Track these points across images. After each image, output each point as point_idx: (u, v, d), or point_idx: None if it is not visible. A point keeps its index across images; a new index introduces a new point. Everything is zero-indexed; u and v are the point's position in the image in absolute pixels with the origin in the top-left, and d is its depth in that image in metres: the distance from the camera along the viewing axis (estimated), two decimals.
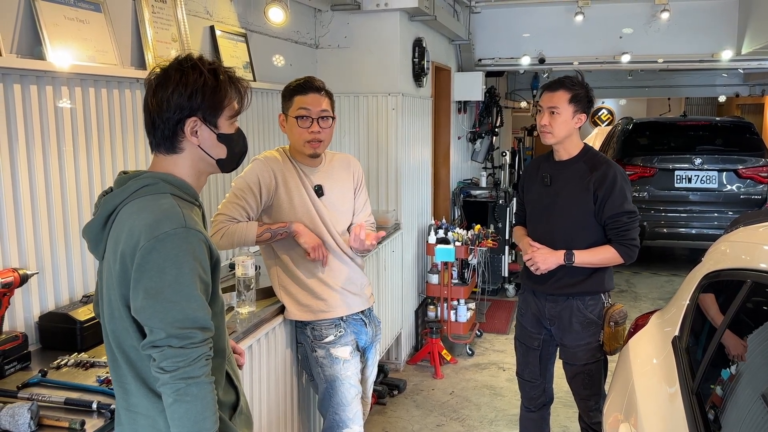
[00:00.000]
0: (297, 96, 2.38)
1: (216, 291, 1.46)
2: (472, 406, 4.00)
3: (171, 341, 1.31)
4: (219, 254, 1.46)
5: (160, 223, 1.33)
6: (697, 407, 1.61)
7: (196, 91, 1.41)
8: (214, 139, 1.46)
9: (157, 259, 1.31)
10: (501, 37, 6.49)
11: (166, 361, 1.30)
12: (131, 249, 1.33)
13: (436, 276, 4.73)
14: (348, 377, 2.46)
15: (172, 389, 1.31)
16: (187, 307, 1.32)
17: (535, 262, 2.62)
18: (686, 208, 6.82)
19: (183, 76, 1.40)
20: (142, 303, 1.32)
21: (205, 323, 1.35)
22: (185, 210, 1.38)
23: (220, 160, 1.49)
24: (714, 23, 6.06)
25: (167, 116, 1.41)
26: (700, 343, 1.93)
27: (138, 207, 1.38)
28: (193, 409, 1.31)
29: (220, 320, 1.50)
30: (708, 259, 2.15)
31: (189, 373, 1.31)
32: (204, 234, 1.39)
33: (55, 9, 2.14)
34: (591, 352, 2.66)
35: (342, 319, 2.49)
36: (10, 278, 1.89)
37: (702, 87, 10.78)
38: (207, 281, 1.39)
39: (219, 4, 3.22)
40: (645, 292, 6.53)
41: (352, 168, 2.60)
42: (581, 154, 2.64)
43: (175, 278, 1.32)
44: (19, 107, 2.01)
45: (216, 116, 1.45)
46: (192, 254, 1.34)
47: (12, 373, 1.83)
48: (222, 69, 1.46)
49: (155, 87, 1.42)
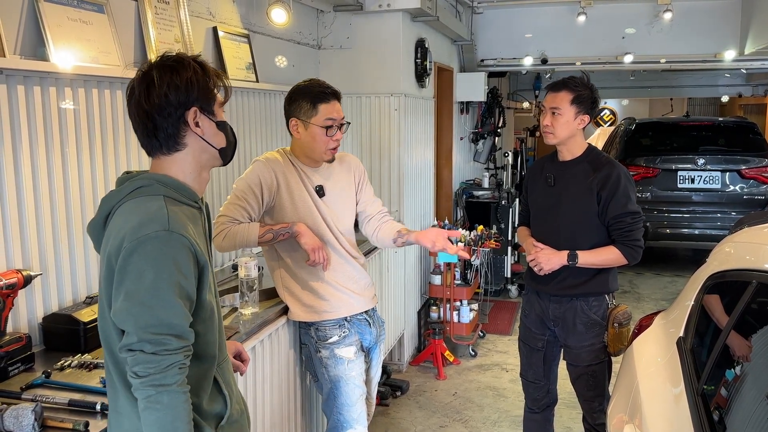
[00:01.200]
0: (321, 104, 2.33)
1: (202, 297, 1.42)
2: (475, 407, 3.99)
3: (144, 346, 1.28)
4: (206, 260, 1.42)
5: (143, 225, 1.32)
6: (703, 408, 1.60)
7: (191, 84, 1.41)
8: (214, 127, 1.48)
9: (137, 261, 1.30)
10: (503, 38, 6.48)
11: (138, 366, 1.29)
12: (116, 250, 1.32)
13: (438, 277, 4.73)
14: (352, 378, 2.45)
15: (142, 395, 1.29)
16: (161, 313, 1.30)
17: (539, 262, 2.61)
18: (689, 208, 6.81)
19: (174, 72, 1.41)
20: (120, 305, 1.31)
21: (181, 331, 1.32)
22: (174, 213, 1.37)
23: (221, 149, 1.50)
24: (717, 23, 6.05)
25: (168, 113, 1.41)
26: (704, 343, 1.92)
27: (128, 209, 1.38)
28: (163, 418, 1.29)
29: (208, 326, 1.46)
30: (713, 259, 2.15)
31: (160, 380, 1.28)
32: (189, 239, 1.36)
33: (58, 10, 2.14)
34: (595, 353, 2.66)
35: (346, 320, 2.48)
36: (14, 279, 1.90)
37: (705, 87, 10.78)
38: (187, 288, 1.35)
39: (222, 5, 3.22)
40: (648, 293, 6.52)
41: (353, 166, 2.60)
42: (585, 154, 2.64)
43: (152, 282, 1.30)
44: (23, 108, 2.01)
45: (211, 104, 1.47)
46: (172, 259, 1.32)
47: (16, 375, 1.83)
48: (202, 60, 1.48)
49: (147, 89, 1.40)
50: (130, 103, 1.44)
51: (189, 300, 1.37)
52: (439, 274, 4.72)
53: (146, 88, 1.41)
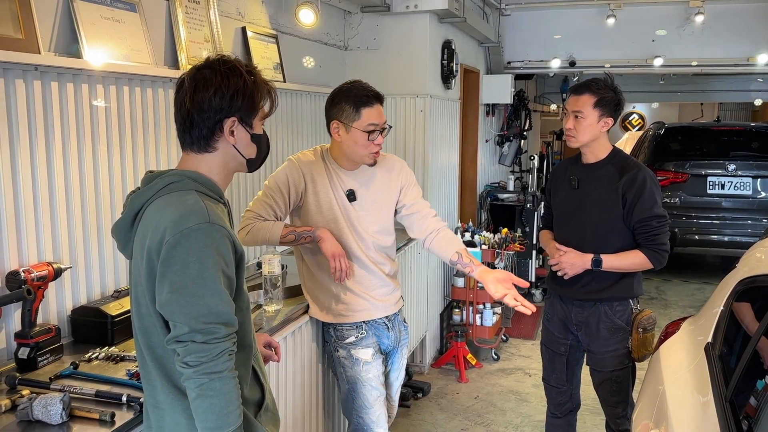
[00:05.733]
0: (364, 109, 2.27)
1: (240, 287, 1.47)
2: (497, 411, 3.97)
3: (194, 336, 1.32)
4: (243, 250, 1.47)
5: (184, 218, 1.35)
6: (731, 415, 1.57)
7: (237, 94, 1.44)
8: (248, 139, 1.50)
9: (181, 253, 1.33)
10: (531, 40, 6.44)
11: (190, 356, 1.32)
12: (157, 244, 1.35)
13: (461, 279, 4.71)
14: (369, 380, 2.44)
15: (195, 384, 1.32)
16: (210, 302, 1.34)
17: (563, 267, 2.59)
18: (719, 214, 6.69)
19: (224, 78, 1.43)
20: (166, 297, 1.34)
21: (228, 318, 1.36)
22: (210, 206, 1.40)
23: (250, 159, 1.53)
24: (750, 26, 5.93)
25: (207, 116, 1.44)
26: (734, 350, 1.89)
27: (164, 203, 1.40)
28: (216, 404, 1.33)
29: (246, 316, 1.51)
30: (743, 265, 2.11)
31: (212, 368, 1.32)
32: (228, 230, 1.40)
33: (92, 9, 2.19)
34: (619, 358, 2.62)
35: (364, 322, 2.47)
36: (45, 272, 1.94)
37: (736, 92, 10.57)
38: (230, 276, 1.40)
39: (251, 5, 3.25)
40: (675, 299, 6.42)
41: (396, 170, 2.49)
42: (610, 156, 2.60)
43: (198, 273, 1.33)
44: (56, 104, 2.06)
45: (252, 117, 1.49)
46: (215, 249, 1.36)
47: (45, 365, 1.87)
48: (257, 72, 1.50)
49: (194, 88, 1.43)
50: (177, 94, 1.48)
51: (231, 289, 1.41)
52: (463, 276, 4.70)
53: (194, 86, 1.44)
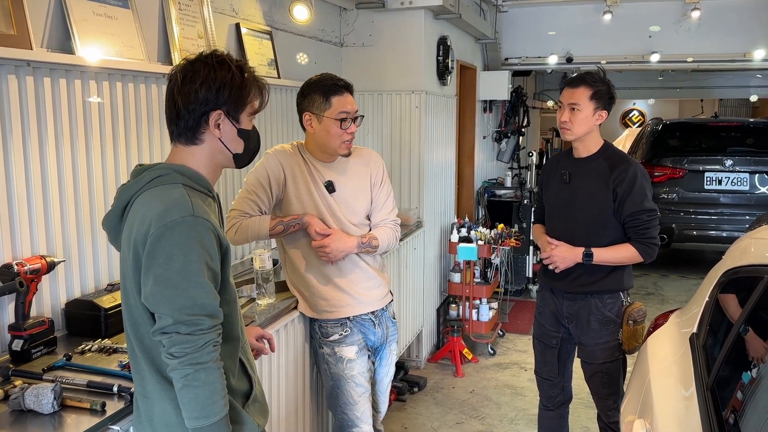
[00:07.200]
0: (334, 97, 2.31)
1: (226, 279, 1.49)
2: (493, 404, 3.99)
3: (179, 327, 1.34)
4: (228, 243, 1.48)
5: (169, 211, 1.37)
6: (711, 403, 1.60)
7: (224, 86, 1.46)
8: (235, 134, 1.52)
9: (165, 246, 1.35)
10: (528, 36, 6.45)
11: (175, 347, 1.34)
12: (142, 237, 1.37)
13: (458, 275, 4.73)
14: (353, 377, 2.44)
15: (180, 375, 1.35)
16: (194, 294, 1.36)
17: (554, 260, 2.61)
18: (716, 210, 6.70)
19: (212, 71, 1.45)
20: (151, 289, 1.36)
21: (212, 310, 1.38)
22: (195, 200, 1.42)
23: (236, 154, 1.55)
24: (746, 22, 5.93)
25: (193, 108, 1.46)
26: (717, 340, 1.91)
27: (150, 197, 1.43)
28: (201, 394, 1.35)
29: (233, 308, 1.53)
30: (728, 256, 2.13)
31: (197, 359, 1.34)
32: (212, 223, 1.42)
33: (84, 5, 2.21)
34: (609, 350, 2.64)
35: (349, 319, 2.46)
36: (38, 265, 1.97)
37: (736, 88, 10.56)
38: (215, 269, 1.42)
39: (244, 1, 3.27)
40: (672, 295, 6.43)
41: (372, 164, 2.52)
42: (601, 151, 2.62)
43: (182, 265, 1.35)
44: (49, 100, 2.08)
45: (239, 112, 1.51)
46: (200, 242, 1.38)
47: (38, 357, 1.90)
48: (247, 67, 1.52)
49: (182, 79, 1.46)
50: (168, 86, 1.50)
51: (215, 281, 1.43)
52: (459, 271, 4.72)
53: (183, 77, 1.46)
